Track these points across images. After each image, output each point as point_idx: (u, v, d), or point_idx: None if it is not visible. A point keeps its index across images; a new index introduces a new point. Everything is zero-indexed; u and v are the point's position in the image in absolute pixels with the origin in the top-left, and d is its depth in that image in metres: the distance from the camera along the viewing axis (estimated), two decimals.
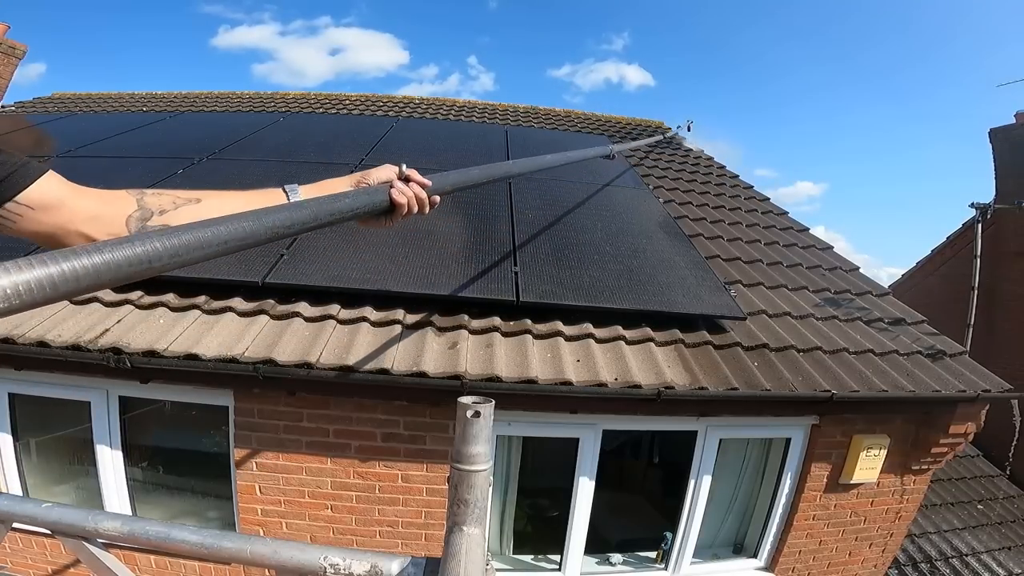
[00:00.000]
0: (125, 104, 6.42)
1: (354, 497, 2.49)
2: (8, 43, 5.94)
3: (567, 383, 2.19)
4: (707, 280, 2.94)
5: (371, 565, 0.79)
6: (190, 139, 4.67)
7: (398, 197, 0.86)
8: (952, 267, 6.45)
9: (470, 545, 0.73)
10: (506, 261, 2.85)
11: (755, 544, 2.95)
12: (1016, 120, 6.19)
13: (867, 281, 3.53)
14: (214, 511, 2.72)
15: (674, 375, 2.33)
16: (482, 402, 0.73)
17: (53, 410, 2.66)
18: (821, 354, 2.62)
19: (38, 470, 2.80)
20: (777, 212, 4.50)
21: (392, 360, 2.21)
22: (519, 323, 2.53)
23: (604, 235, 3.35)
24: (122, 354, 2.14)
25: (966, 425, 2.63)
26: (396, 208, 0.86)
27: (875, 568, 3.07)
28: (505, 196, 3.67)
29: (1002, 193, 5.99)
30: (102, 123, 5.32)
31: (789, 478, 2.79)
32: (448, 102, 7.20)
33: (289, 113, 5.98)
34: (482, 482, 0.74)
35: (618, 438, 3.68)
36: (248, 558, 0.84)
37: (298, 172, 3.90)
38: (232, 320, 2.41)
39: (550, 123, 6.60)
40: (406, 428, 2.41)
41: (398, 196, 0.86)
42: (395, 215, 0.88)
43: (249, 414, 2.41)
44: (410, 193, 0.88)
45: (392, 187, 0.86)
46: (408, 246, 2.92)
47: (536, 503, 3.17)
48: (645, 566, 2.93)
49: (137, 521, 0.91)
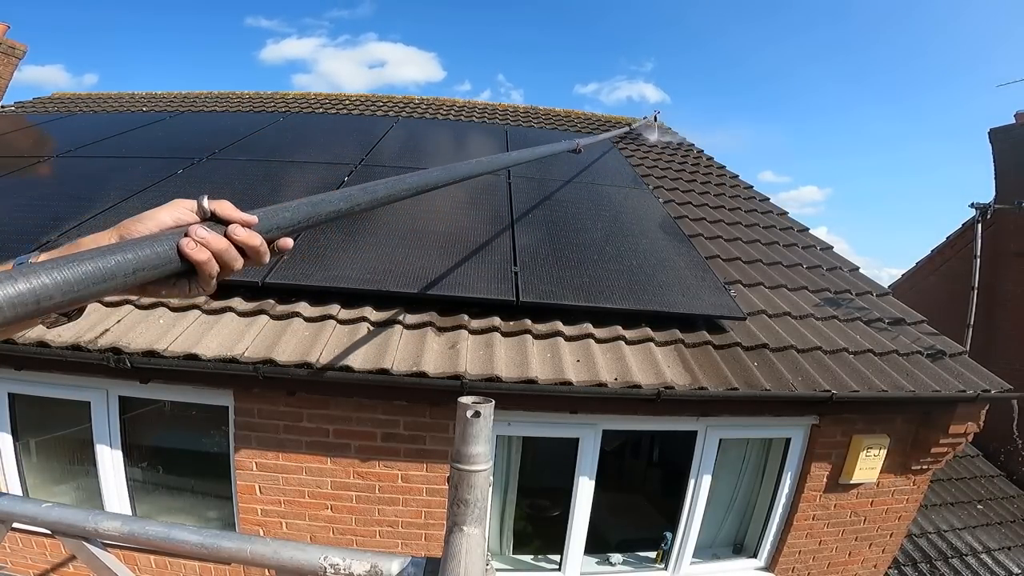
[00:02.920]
0: (125, 104, 6.41)
1: (354, 497, 2.49)
2: (8, 43, 5.94)
3: (567, 383, 2.19)
4: (707, 280, 2.94)
5: (371, 565, 0.79)
6: (190, 139, 4.67)
7: (193, 252, 0.52)
8: (952, 267, 6.45)
9: (470, 545, 0.73)
10: (506, 261, 2.85)
11: (755, 544, 2.95)
12: (1016, 120, 6.19)
13: (867, 281, 3.53)
14: (214, 511, 2.71)
15: (674, 375, 2.33)
16: (482, 402, 0.73)
17: (53, 410, 2.66)
18: (821, 354, 2.62)
19: (38, 470, 2.80)
20: (777, 212, 4.50)
21: (392, 360, 2.21)
22: (519, 323, 2.53)
23: (604, 235, 3.35)
24: (122, 354, 2.14)
25: (966, 425, 2.63)
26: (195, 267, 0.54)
27: (875, 568, 3.07)
28: (505, 196, 3.67)
29: (1002, 193, 5.99)
30: (102, 123, 5.32)
31: (789, 478, 2.79)
32: (448, 102, 7.20)
33: (289, 113, 5.98)
34: (482, 482, 0.74)
35: (618, 438, 3.68)
36: (248, 558, 0.84)
37: (298, 172, 3.91)
38: (232, 320, 2.41)
39: (550, 123, 6.60)
40: (406, 428, 2.41)
41: (192, 250, 0.52)
42: (198, 279, 0.56)
43: (249, 414, 2.41)
44: (218, 243, 0.55)
45: (185, 234, 0.53)
46: (408, 246, 2.92)
47: (536, 503, 3.17)
48: (645, 566, 2.93)
49: (137, 521, 0.91)
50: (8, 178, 3.68)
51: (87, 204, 3.14)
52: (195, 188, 3.50)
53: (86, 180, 3.62)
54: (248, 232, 0.58)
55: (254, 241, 0.59)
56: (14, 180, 3.67)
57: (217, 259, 0.55)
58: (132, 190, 3.35)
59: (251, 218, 0.60)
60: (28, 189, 3.55)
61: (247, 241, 0.58)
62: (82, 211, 3.04)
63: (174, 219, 0.56)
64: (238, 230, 0.57)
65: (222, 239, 0.56)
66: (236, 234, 0.57)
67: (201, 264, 0.54)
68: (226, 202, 0.58)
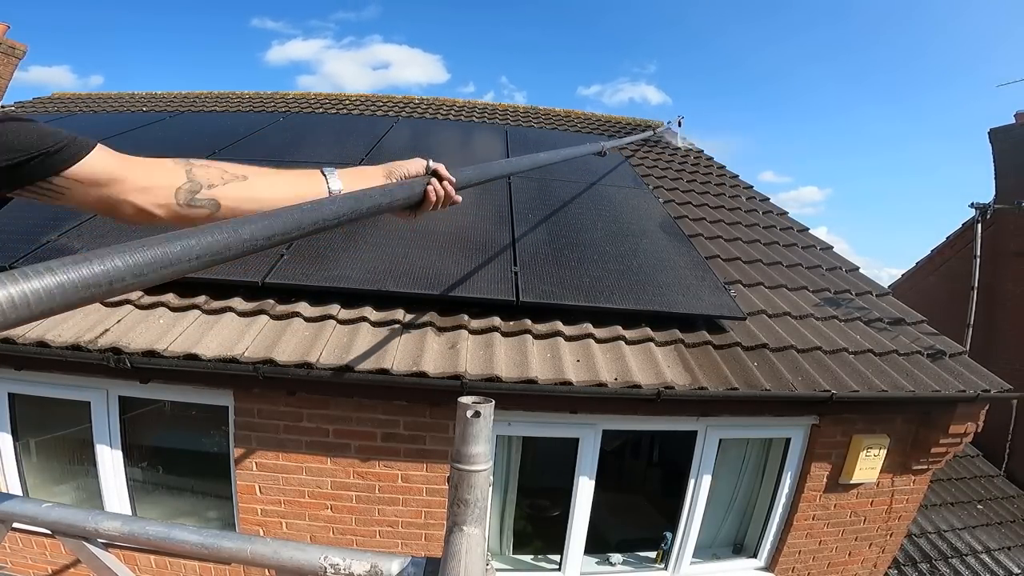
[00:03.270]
0: (125, 104, 6.41)
1: (354, 497, 2.49)
2: (8, 43, 5.93)
3: (567, 383, 2.19)
4: (707, 280, 2.94)
5: (371, 565, 0.79)
6: (190, 139, 4.67)
7: (431, 193, 0.91)
8: (952, 267, 6.45)
9: (470, 545, 0.73)
10: (506, 261, 2.85)
11: (755, 544, 2.95)
12: (1016, 120, 6.19)
13: (867, 281, 3.53)
14: (214, 511, 2.71)
15: (674, 375, 2.33)
16: (482, 402, 0.73)
17: (53, 410, 2.66)
18: (821, 354, 2.62)
19: (38, 470, 2.80)
20: (777, 212, 4.50)
21: (392, 360, 2.21)
22: (519, 323, 2.53)
23: (604, 235, 3.35)
24: (122, 354, 2.14)
25: (966, 425, 2.63)
26: (425, 202, 0.92)
27: (875, 568, 3.07)
28: (505, 196, 3.67)
29: (1002, 193, 5.99)
30: (102, 123, 5.31)
31: (789, 478, 2.79)
32: (448, 102, 7.19)
33: (289, 113, 5.98)
34: (482, 482, 0.74)
35: (618, 438, 3.68)
36: (248, 558, 0.84)
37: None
38: (232, 320, 2.41)
39: (550, 123, 6.60)
40: (406, 428, 2.41)
41: (431, 192, 0.91)
42: (422, 208, 0.93)
43: (249, 414, 2.41)
44: (440, 189, 0.93)
45: (428, 183, 0.91)
46: (408, 246, 2.92)
47: (536, 503, 3.17)
48: (645, 566, 2.93)
49: (137, 521, 0.91)
50: None
51: None
52: None
53: None
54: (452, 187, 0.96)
55: (453, 191, 0.97)
56: None
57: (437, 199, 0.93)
58: None
59: (453, 178, 0.97)
60: None
61: (450, 191, 0.96)
62: (82, 211, 3.03)
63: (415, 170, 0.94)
64: (447, 184, 0.95)
65: (441, 188, 0.94)
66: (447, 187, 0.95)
67: (431, 201, 0.92)
68: (441, 165, 0.96)
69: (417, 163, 0.95)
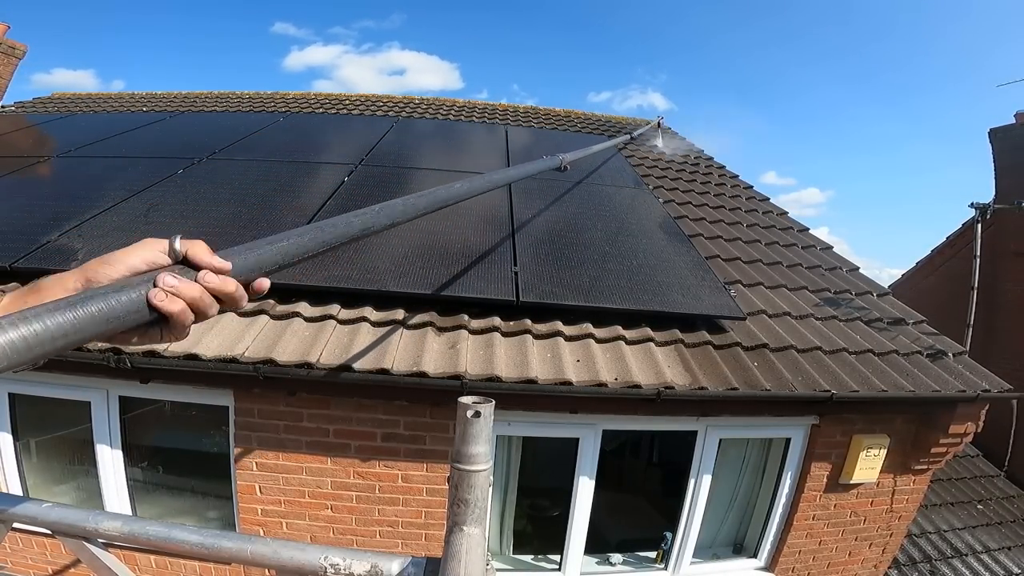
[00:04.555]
0: (125, 104, 6.41)
1: (354, 497, 2.49)
2: (8, 43, 5.94)
3: (567, 383, 2.19)
4: (707, 280, 2.94)
5: (371, 565, 0.79)
6: (190, 139, 4.67)
7: (163, 304, 0.48)
8: (952, 267, 6.45)
9: (470, 545, 0.73)
10: (506, 261, 2.85)
11: (755, 544, 2.95)
12: (1016, 120, 6.19)
13: (867, 281, 3.53)
14: (214, 511, 2.72)
15: (674, 375, 2.33)
16: (482, 402, 0.73)
17: (53, 410, 2.66)
18: (821, 354, 2.62)
19: (38, 470, 2.81)
20: (777, 212, 4.50)
21: (392, 360, 2.21)
22: (519, 323, 2.53)
23: (604, 235, 3.35)
24: (122, 354, 2.14)
25: (966, 425, 2.63)
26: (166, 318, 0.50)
27: (875, 568, 3.07)
28: (505, 196, 3.67)
29: (1002, 193, 5.99)
30: (102, 123, 5.32)
31: (789, 478, 2.79)
32: (448, 102, 7.20)
33: (289, 113, 5.98)
34: (482, 482, 0.74)
35: (618, 438, 3.68)
36: (248, 558, 0.84)
37: (297, 172, 3.90)
38: (232, 320, 2.41)
39: (550, 123, 6.60)
40: (406, 428, 2.41)
41: (162, 302, 0.48)
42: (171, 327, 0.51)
43: (249, 414, 2.41)
44: (190, 291, 0.51)
45: (155, 283, 0.49)
46: (408, 246, 2.92)
47: (536, 503, 3.17)
48: (645, 566, 2.93)
49: (137, 521, 0.91)
50: (8, 178, 3.68)
51: (87, 204, 3.13)
52: (195, 188, 3.50)
53: (86, 180, 3.62)
54: (222, 279, 0.54)
55: (228, 288, 0.54)
56: (14, 180, 3.67)
57: (191, 307, 0.51)
58: (132, 190, 3.35)
59: (225, 264, 0.55)
60: (28, 189, 3.55)
61: (221, 288, 0.54)
62: (82, 211, 3.03)
63: (144, 261, 0.52)
64: (209, 276, 0.53)
65: (194, 286, 0.51)
66: (208, 281, 0.53)
67: (173, 315, 0.50)
68: (200, 243, 0.54)
69: (144, 248, 0.53)
